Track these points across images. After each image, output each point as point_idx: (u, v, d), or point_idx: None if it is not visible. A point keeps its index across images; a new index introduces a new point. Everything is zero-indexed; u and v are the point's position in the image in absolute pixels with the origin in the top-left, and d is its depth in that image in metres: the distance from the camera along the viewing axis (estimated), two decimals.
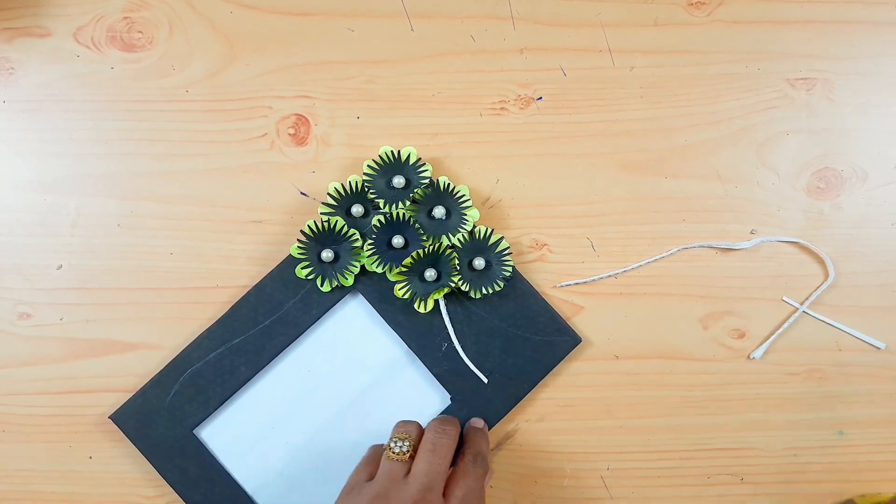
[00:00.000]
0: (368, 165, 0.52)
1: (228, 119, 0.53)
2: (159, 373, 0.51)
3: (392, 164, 0.52)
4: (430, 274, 0.51)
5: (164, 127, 0.53)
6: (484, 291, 0.51)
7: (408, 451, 0.44)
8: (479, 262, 0.51)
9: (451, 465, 0.46)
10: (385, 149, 0.52)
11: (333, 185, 0.51)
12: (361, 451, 0.50)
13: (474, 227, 0.52)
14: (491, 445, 0.53)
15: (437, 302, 0.51)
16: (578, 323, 0.53)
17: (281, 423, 0.52)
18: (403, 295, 0.51)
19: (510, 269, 0.51)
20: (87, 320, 0.52)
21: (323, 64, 0.53)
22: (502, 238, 0.51)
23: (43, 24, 0.53)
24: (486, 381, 0.52)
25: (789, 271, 0.54)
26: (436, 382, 0.52)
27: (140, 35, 0.53)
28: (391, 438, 0.45)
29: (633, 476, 0.53)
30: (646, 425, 0.53)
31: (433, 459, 0.44)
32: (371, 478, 0.44)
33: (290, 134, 0.53)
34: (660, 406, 0.53)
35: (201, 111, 0.53)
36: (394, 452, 0.44)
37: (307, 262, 0.51)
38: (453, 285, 0.51)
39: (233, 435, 0.52)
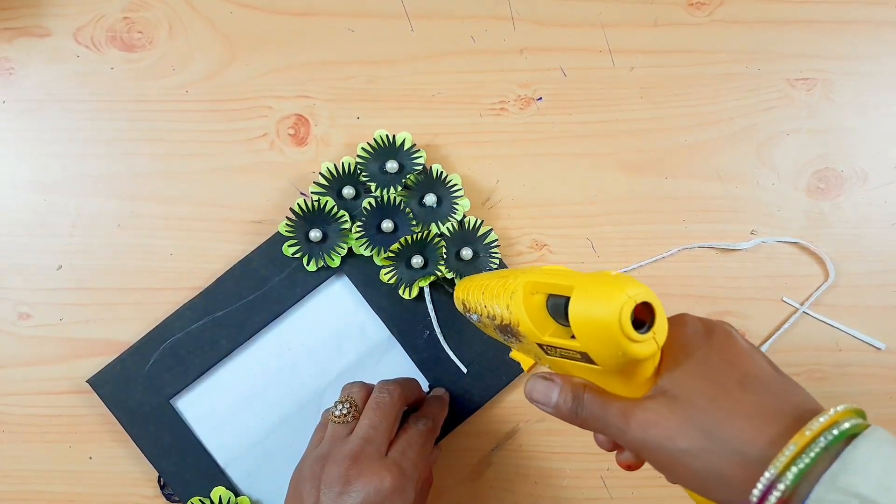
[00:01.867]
0: (363, 148, 0.52)
1: (228, 119, 0.53)
2: (139, 340, 0.51)
3: (386, 149, 0.52)
4: (417, 261, 0.51)
5: (163, 127, 0.53)
6: None
7: (348, 413, 0.44)
8: (466, 253, 0.51)
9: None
10: (380, 132, 0.52)
11: (325, 165, 0.51)
12: None
13: (464, 217, 0.52)
14: (490, 446, 0.53)
15: (421, 289, 0.52)
16: None
17: (258, 398, 0.52)
18: (389, 280, 0.51)
19: (497, 261, 0.51)
20: (87, 320, 0.52)
21: (323, 64, 0.53)
22: (491, 230, 0.52)
23: (43, 24, 0.53)
24: (465, 371, 0.52)
25: (789, 271, 0.54)
26: (415, 369, 0.52)
27: (140, 35, 0.53)
28: (335, 402, 0.46)
29: (633, 475, 0.53)
30: None
31: (374, 416, 0.44)
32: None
33: (289, 134, 0.53)
34: None
35: (201, 111, 0.53)
36: (335, 416, 0.45)
37: (295, 241, 0.51)
38: (439, 274, 0.51)
39: (209, 407, 0.52)
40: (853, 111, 0.54)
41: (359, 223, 0.51)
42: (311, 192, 0.51)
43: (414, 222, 0.51)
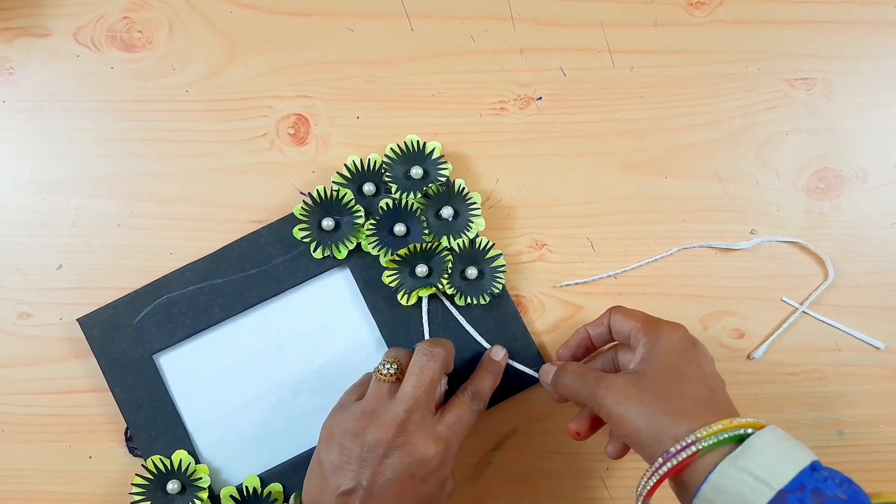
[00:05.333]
0: (391, 149, 0.52)
1: (228, 119, 0.53)
2: (135, 291, 0.51)
3: (415, 154, 0.52)
4: (421, 270, 0.51)
5: (163, 127, 0.53)
6: (469, 301, 0.51)
7: (395, 374, 0.45)
8: (471, 272, 0.51)
9: (441, 388, 0.47)
10: (411, 137, 0.52)
11: (352, 158, 0.52)
12: (307, 422, 0.51)
13: (477, 236, 0.52)
14: (490, 446, 0.53)
15: (420, 298, 0.52)
16: (577, 323, 0.53)
17: (238, 372, 0.52)
18: (390, 283, 0.51)
19: (501, 286, 0.51)
20: None
21: (323, 64, 0.54)
22: (501, 255, 0.51)
23: (43, 24, 0.53)
24: (446, 388, 0.51)
25: (789, 271, 0.54)
26: None
27: (140, 35, 0.53)
28: (380, 362, 0.46)
29: (633, 476, 0.53)
30: None
31: (418, 382, 0.44)
32: (360, 399, 0.46)
33: (289, 134, 0.53)
34: None
35: (201, 111, 0.53)
36: (381, 374, 0.46)
37: (307, 226, 0.51)
38: (440, 287, 0.51)
39: (190, 370, 0.52)
40: (853, 111, 0.54)
41: (372, 221, 0.51)
42: (332, 181, 0.52)
43: (427, 231, 0.51)
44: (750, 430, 0.38)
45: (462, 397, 0.47)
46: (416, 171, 0.51)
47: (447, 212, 0.52)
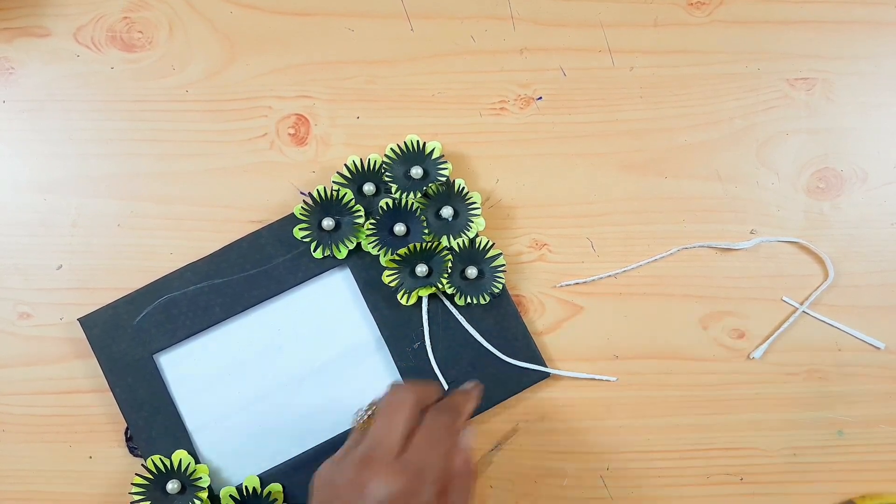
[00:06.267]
0: (391, 149, 0.52)
1: (228, 119, 0.53)
2: (136, 291, 0.51)
3: (415, 154, 0.52)
4: (421, 269, 0.51)
5: (163, 127, 0.53)
6: (469, 301, 0.51)
7: (364, 416, 0.44)
8: (471, 272, 0.51)
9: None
10: (411, 137, 0.52)
11: (352, 158, 0.52)
12: (307, 422, 0.51)
13: (476, 235, 0.52)
14: (491, 446, 0.53)
15: (420, 298, 0.52)
16: (578, 323, 0.53)
17: (239, 372, 0.52)
18: (390, 282, 0.51)
19: (501, 285, 0.51)
20: None
21: (323, 64, 0.54)
22: (501, 255, 0.51)
23: (43, 24, 0.53)
24: (446, 388, 0.51)
25: (789, 271, 0.54)
26: (397, 375, 0.52)
27: (140, 35, 0.53)
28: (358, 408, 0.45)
29: (633, 476, 0.53)
30: (646, 425, 0.53)
31: (383, 418, 0.42)
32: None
33: (289, 134, 0.53)
34: (660, 406, 0.53)
35: (201, 111, 0.53)
36: (355, 420, 0.45)
37: (307, 225, 0.51)
38: (440, 287, 0.51)
39: (190, 370, 0.52)
40: (853, 111, 0.54)
41: (372, 221, 0.51)
42: (332, 181, 0.52)
43: (426, 231, 0.51)
44: None
45: (428, 415, 0.43)
46: (416, 171, 0.51)
47: (447, 211, 0.52)
